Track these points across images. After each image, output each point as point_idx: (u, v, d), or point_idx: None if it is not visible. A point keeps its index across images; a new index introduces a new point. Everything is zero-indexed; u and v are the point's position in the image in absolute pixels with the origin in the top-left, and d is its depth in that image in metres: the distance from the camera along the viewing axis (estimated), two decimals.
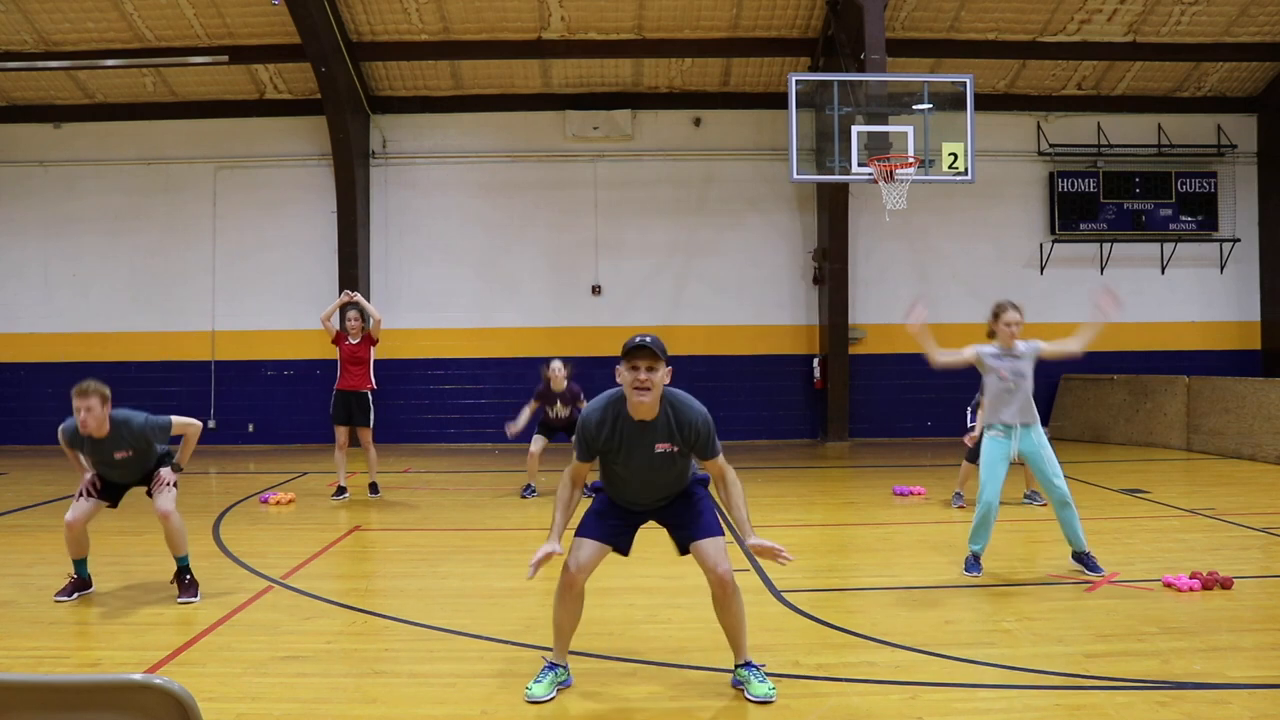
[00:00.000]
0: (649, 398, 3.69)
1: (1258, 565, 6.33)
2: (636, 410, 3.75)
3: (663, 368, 3.70)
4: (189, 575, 5.49)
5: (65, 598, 5.38)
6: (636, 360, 3.67)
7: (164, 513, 5.43)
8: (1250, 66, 15.34)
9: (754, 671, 3.86)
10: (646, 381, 3.66)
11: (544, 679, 3.86)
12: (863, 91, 11.56)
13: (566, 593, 3.89)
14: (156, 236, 15.31)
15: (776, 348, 15.63)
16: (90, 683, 1.43)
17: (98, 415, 5.22)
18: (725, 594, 3.83)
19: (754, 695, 3.77)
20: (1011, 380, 5.82)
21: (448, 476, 11.54)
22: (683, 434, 3.78)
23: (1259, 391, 11.99)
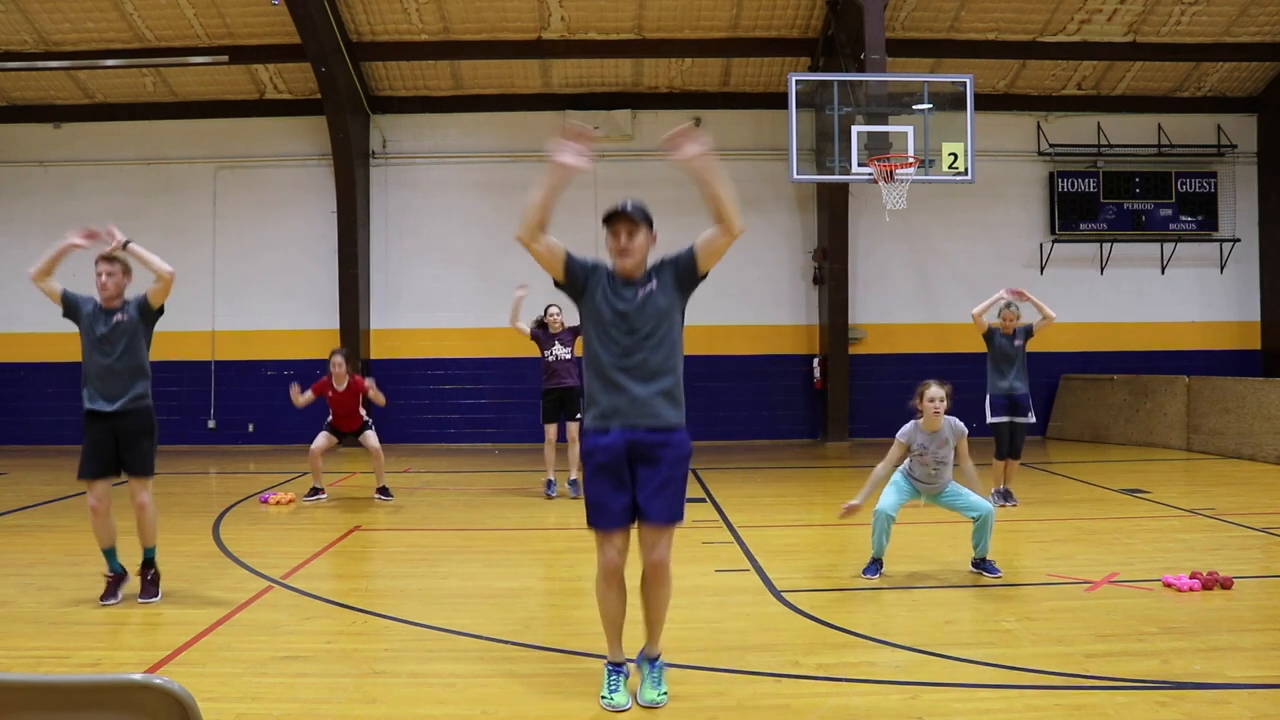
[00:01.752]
0: (631, 261, 3.79)
1: (1258, 565, 6.33)
2: (621, 270, 3.83)
3: (643, 232, 3.80)
4: (153, 570, 5.51)
5: (112, 600, 5.34)
6: (617, 226, 3.79)
7: (140, 503, 5.47)
8: (1250, 66, 15.34)
9: (655, 670, 3.83)
10: (627, 247, 3.77)
11: (618, 686, 3.79)
12: (863, 91, 11.57)
13: (609, 581, 3.85)
14: (156, 236, 15.23)
15: (776, 348, 15.63)
16: (90, 683, 1.43)
17: (118, 282, 5.47)
18: (656, 579, 3.85)
19: (643, 699, 3.74)
20: (934, 466, 5.92)
21: (448, 476, 11.54)
22: (662, 272, 3.84)
23: (1259, 391, 11.99)
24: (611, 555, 3.81)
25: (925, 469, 5.92)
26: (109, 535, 5.48)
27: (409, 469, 12.05)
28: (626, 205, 3.79)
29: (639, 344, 3.77)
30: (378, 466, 9.37)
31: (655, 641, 3.91)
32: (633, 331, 3.78)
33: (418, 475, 11.50)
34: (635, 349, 3.77)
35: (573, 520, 8.00)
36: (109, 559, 5.49)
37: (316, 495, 9.29)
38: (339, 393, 9.21)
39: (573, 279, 3.91)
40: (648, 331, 3.78)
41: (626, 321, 3.78)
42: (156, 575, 5.52)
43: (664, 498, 3.76)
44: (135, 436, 5.50)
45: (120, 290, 5.48)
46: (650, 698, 3.73)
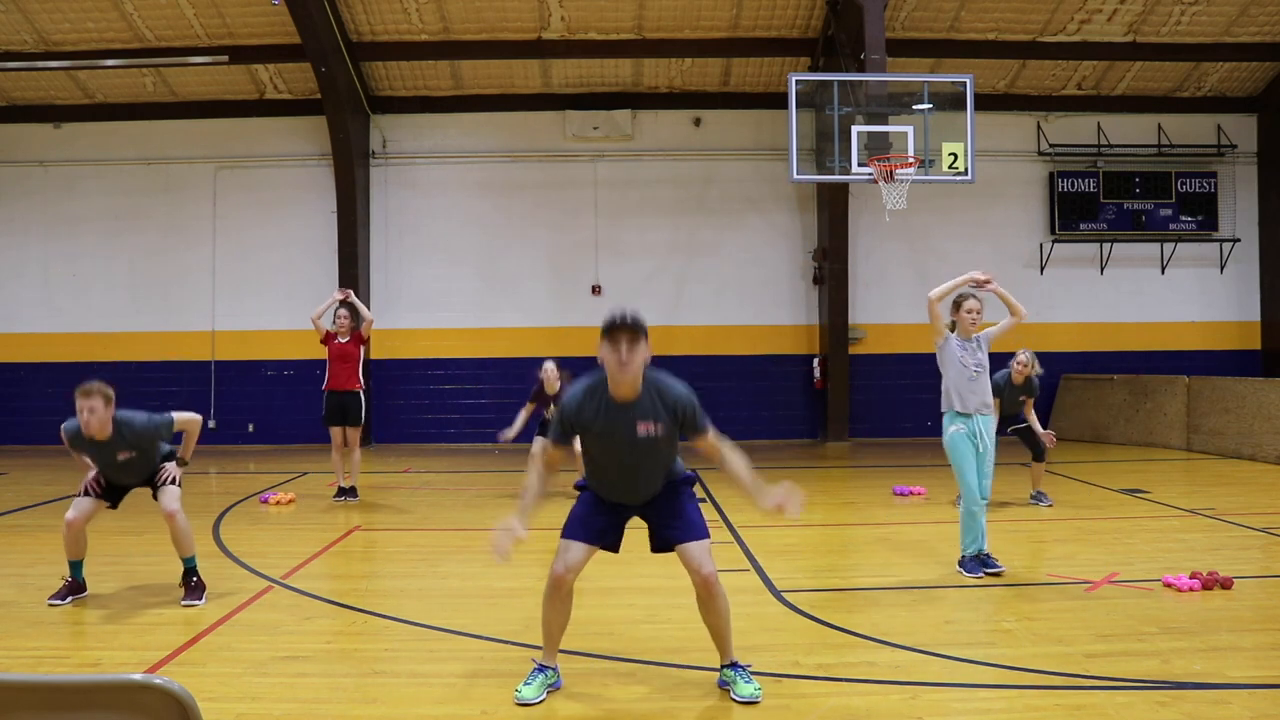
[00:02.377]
0: (630, 374, 3.68)
1: (1258, 565, 6.33)
2: (618, 388, 3.72)
3: (643, 345, 3.69)
4: (196, 577, 5.48)
5: (59, 601, 5.33)
6: (617, 337, 3.65)
7: (170, 512, 5.41)
8: (1250, 66, 15.34)
9: (740, 672, 3.85)
10: (627, 360, 3.65)
11: (533, 681, 3.84)
12: (863, 91, 11.56)
13: (555, 593, 3.86)
14: (156, 236, 15.31)
15: (776, 348, 15.63)
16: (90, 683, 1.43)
17: (101, 416, 5.18)
18: (710, 595, 3.82)
19: (739, 695, 3.76)
20: (974, 369, 5.91)
21: (448, 476, 11.54)
22: (668, 410, 3.76)
23: (1259, 391, 11.99)
24: (560, 568, 3.82)
25: (967, 370, 5.90)
26: (78, 550, 5.45)
27: (409, 469, 12.05)
28: (627, 318, 3.66)
29: (642, 468, 3.87)
30: (352, 466, 9.42)
31: (729, 651, 3.92)
32: (633, 461, 3.83)
33: (418, 475, 11.50)
34: (637, 471, 3.87)
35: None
36: (73, 568, 5.47)
37: (345, 497, 9.32)
38: (341, 343, 9.35)
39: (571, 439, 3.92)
40: (651, 463, 3.86)
41: (626, 454, 3.81)
42: (200, 582, 5.48)
43: (686, 517, 3.88)
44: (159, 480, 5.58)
45: (105, 424, 5.23)
46: (747, 692, 3.76)
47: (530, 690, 3.79)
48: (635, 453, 3.78)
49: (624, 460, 3.82)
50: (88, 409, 5.15)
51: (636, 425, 3.73)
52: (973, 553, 5.90)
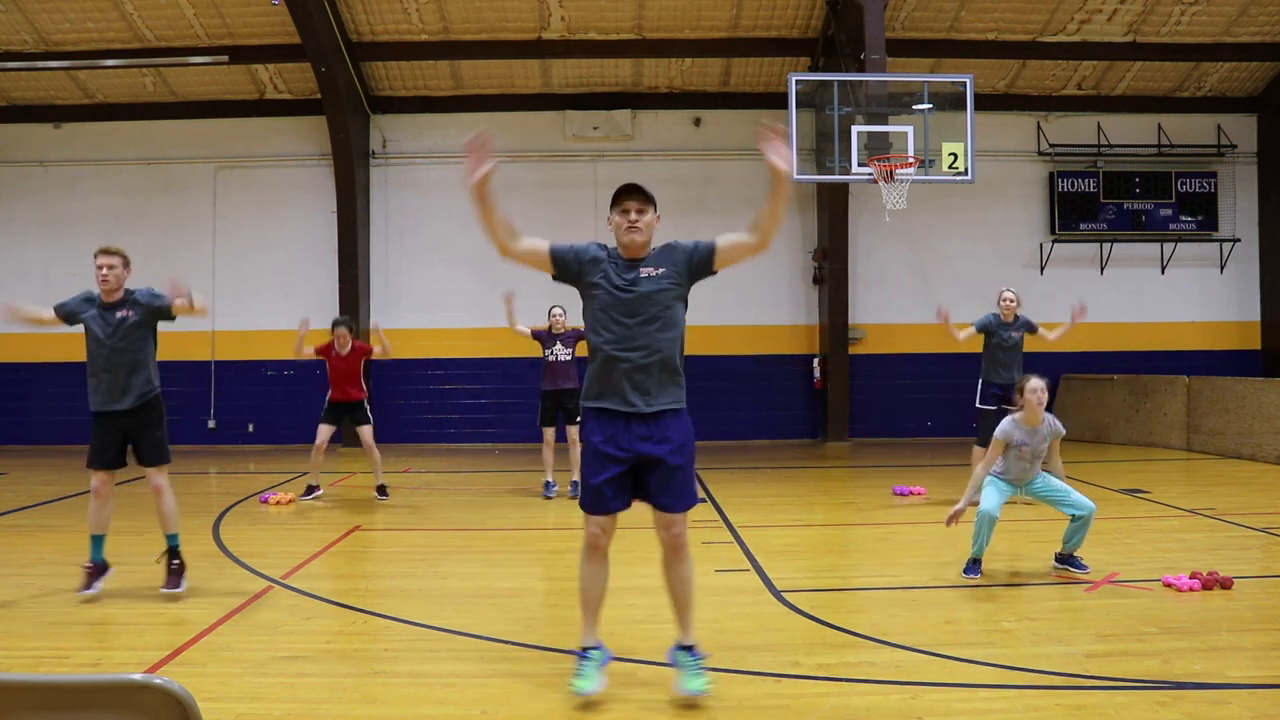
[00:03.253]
0: (640, 237, 3.80)
1: (1258, 565, 6.33)
2: (628, 249, 3.83)
3: (651, 211, 3.83)
4: (178, 559, 5.52)
5: (89, 590, 5.35)
6: (626, 203, 3.81)
7: (157, 485, 5.50)
8: (1250, 66, 15.34)
9: (693, 659, 3.80)
10: (637, 222, 3.79)
11: (586, 672, 3.77)
12: (863, 91, 11.57)
13: (591, 554, 3.86)
14: (156, 236, 15.30)
15: (776, 348, 15.63)
16: (90, 683, 1.43)
17: (119, 275, 5.42)
18: (676, 557, 3.87)
19: (686, 689, 3.70)
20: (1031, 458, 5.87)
21: (448, 476, 11.54)
22: (674, 256, 3.85)
23: (1259, 391, 11.99)
24: (595, 532, 3.84)
25: (1021, 463, 5.87)
26: (103, 522, 5.51)
27: (409, 469, 12.05)
28: (635, 184, 3.85)
29: (642, 327, 3.77)
30: (374, 466, 9.37)
31: (688, 629, 3.90)
32: (635, 314, 3.77)
33: (418, 475, 11.50)
34: (638, 332, 3.77)
35: (573, 520, 8.00)
36: (94, 547, 5.50)
37: (313, 493, 9.27)
38: (341, 356, 9.21)
39: (564, 268, 3.92)
40: (652, 315, 3.78)
41: (628, 305, 3.77)
42: (181, 566, 5.54)
43: (672, 489, 3.81)
44: (146, 428, 5.55)
45: (120, 283, 5.46)
46: (695, 686, 3.69)
47: (589, 682, 3.73)
48: (640, 304, 3.76)
49: (627, 317, 3.76)
50: (107, 265, 5.37)
51: (641, 270, 3.80)
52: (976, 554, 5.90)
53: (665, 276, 3.80)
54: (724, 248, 3.87)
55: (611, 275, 3.81)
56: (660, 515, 3.84)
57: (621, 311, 3.77)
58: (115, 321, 5.45)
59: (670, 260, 3.84)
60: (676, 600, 3.93)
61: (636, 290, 3.77)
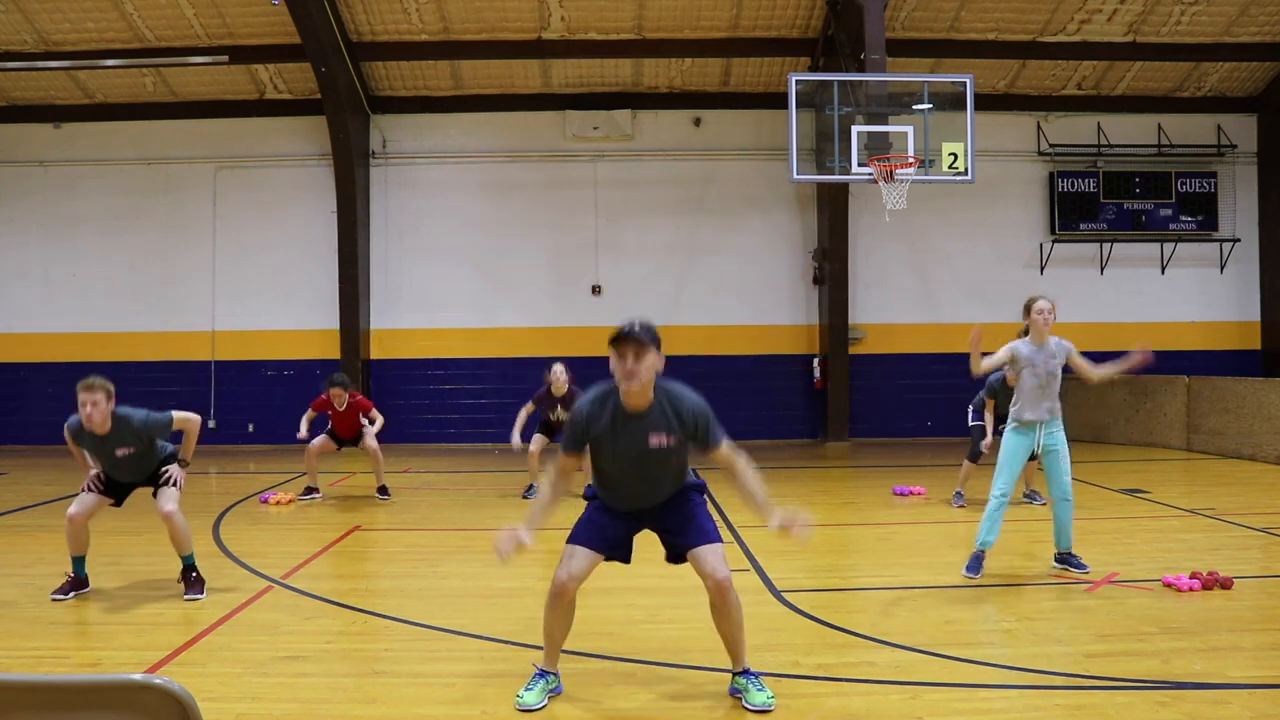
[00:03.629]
0: (637, 384, 3.62)
1: (1258, 565, 6.33)
2: (628, 398, 3.68)
3: (651, 355, 3.63)
4: (195, 573, 5.53)
5: (62, 596, 5.38)
6: (624, 348, 3.61)
7: (167, 513, 5.46)
8: (1250, 66, 15.33)
9: (752, 680, 3.80)
10: (634, 370, 3.60)
11: (535, 687, 3.81)
12: (863, 91, 11.56)
13: (557, 601, 3.83)
14: (156, 236, 15.31)
15: (776, 348, 15.63)
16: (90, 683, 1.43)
17: (102, 410, 5.27)
18: (724, 601, 3.76)
19: (752, 704, 3.71)
20: (1044, 377, 5.84)
21: (448, 476, 11.54)
22: (682, 422, 3.70)
23: (1259, 391, 11.99)
24: (563, 575, 3.80)
25: (1036, 380, 5.83)
26: (79, 545, 5.50)
27: (409, 469, 12.05)
28: (634, 328, 3.61)
29: (654, 480, 3.83)
30: (376, 467, 9.40)
31: (742, 658, 3.86)
32: (645, 472, 3.80)
33: (418, 475, 11.50)
34: (648, 482, 3.83)
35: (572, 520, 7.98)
36: (75, 564, 5.53)
37: (311, 495, 9.29)
38: (340, 413, 9.26)
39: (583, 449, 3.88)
40: (662, 474, 3.82)
41: (638, 465, 3.77)
42: (200, 577, 5.55)
43: (698, 524, 3.84)
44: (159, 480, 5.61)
45: (106, 417, 5.30)
46: (760, 700, 3.70)
47: (532, 696, 3.77)
48: (646, 464, 3.75)
49: (634, 471, 3.77)
50: (90, 403, 5.23)
51: (648, 436, 3.70)
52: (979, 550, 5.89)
53: (672, 443, 3.73)
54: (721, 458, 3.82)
55: (616, 435, 3.73)
56: (702, 559, 3.76)
57: (629, 468, 3.79)
58: (116, 458, 5.46)
59: (675, 426, 3.72)
60: (731, 643, 3.86)
61: (646, 457, 3.74)
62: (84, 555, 5.53)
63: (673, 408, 3.72)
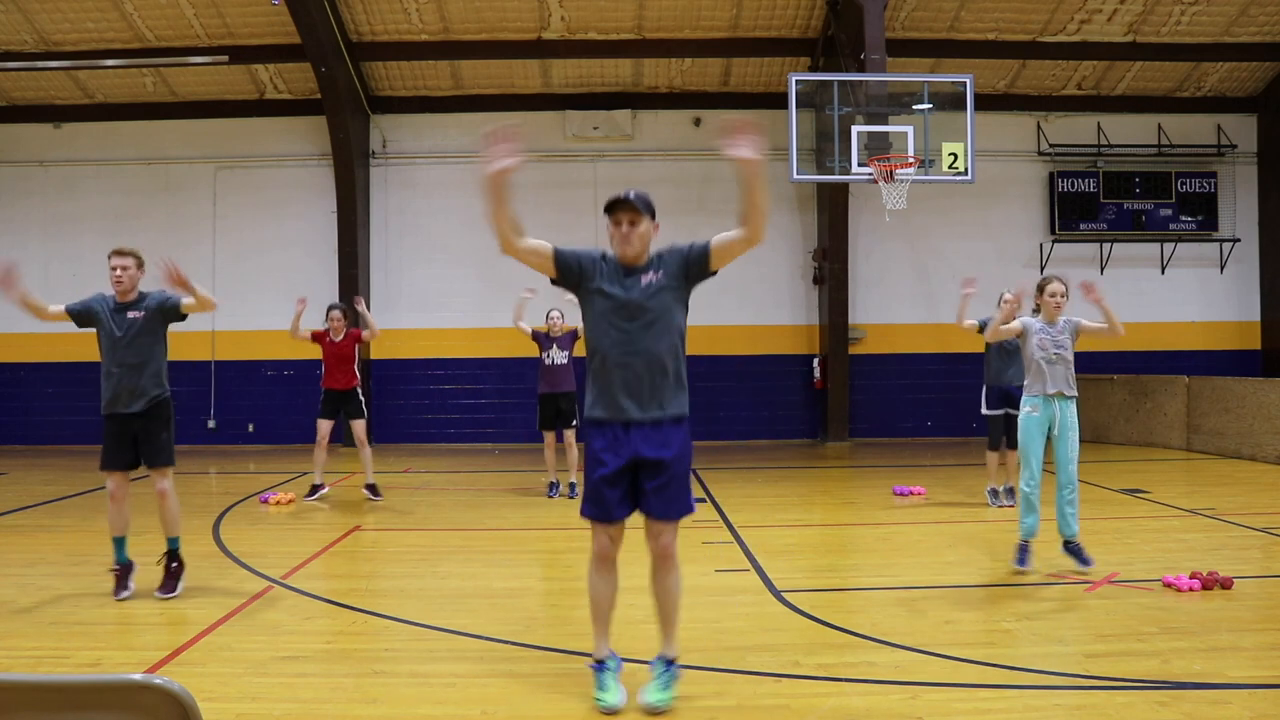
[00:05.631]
0: (632, 249, 3.76)
1: (1258, 565, 6.33)
2: (623, 258, 3.80)
3: (645, 222, 3.77)
4: (177, 561, 5.53)
5: (125, 593, 5.38)
6: (619, 214, 3.77)
7: (161, 490, 5.52)
8: (1250, 66, 15.34)
9: (670, 672, 3.77)
10: (629, 234, 3.74)
11: (608, 685, 3.75)
12: (863, 91, 11.57)
13: (600, 565, 3.84)
14: (156, 236, 15.26)
15: (776, 348, 15.63)
16: (90, 683, 1.43)
17: (133, 275, 5.46)
18: (664, 565, 3.84)
19: (647, 699, 3.66)
20: (1053, 351, 5.88)
21: (448, 476, 11.54)
22: (668, 261, 3.81)
23: (1259, 391, 11.99)
24: (604, 542, 3.82)
25: (1046, 354, 5.89)
26: (122, 524, 5.52)
27: (409, 469, 12.05)
28: (629, 194, 3.77)
29: (641, 332, 3.75)
30: (365, 463, 9.37)
31: (671, 641, 3.86)
32: (634, 319, 3.76)
33: (418, 475, 11.50)
34: (638, 337, 3.75)
35: (572, 520, 8.00)
36: (117, 549, 5.52)
37: (319, 492, 9.29)
38: (335, 343, 9.29)
39: (566, 272, 3.89)
40: (650, 319, 3.76)
41: (628, 310, 3.76)
42: (180, 569, 5.55)
43: (667, 496, 3.77)
44: (153, 430, 5.56)
45: (134, 284, 5.50)
46: (656, 699, 3.66)
47: (612, 695, 3.70)
48: (638, 310, 3.74)
49: (626, 322, 3.74)
50: (121, 266, 5.40)
51: (640, 278, 3.78)
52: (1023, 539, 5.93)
53: (663, 281, 3.79)
54: (718, 247, 3.83)
55: (610, 281, 3.80)
56: (651, 523, 3.81)
57: (620, 316, 3.76)
58: (128, 322, 5.49)
59: (668, 265, 3.82)
60: (662, 611, 3.89)
61: (634, 295, 3.75)
62: (124, 537, 5.52)
63: (663, 255, 3.85)
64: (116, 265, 5.43)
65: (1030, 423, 5.92)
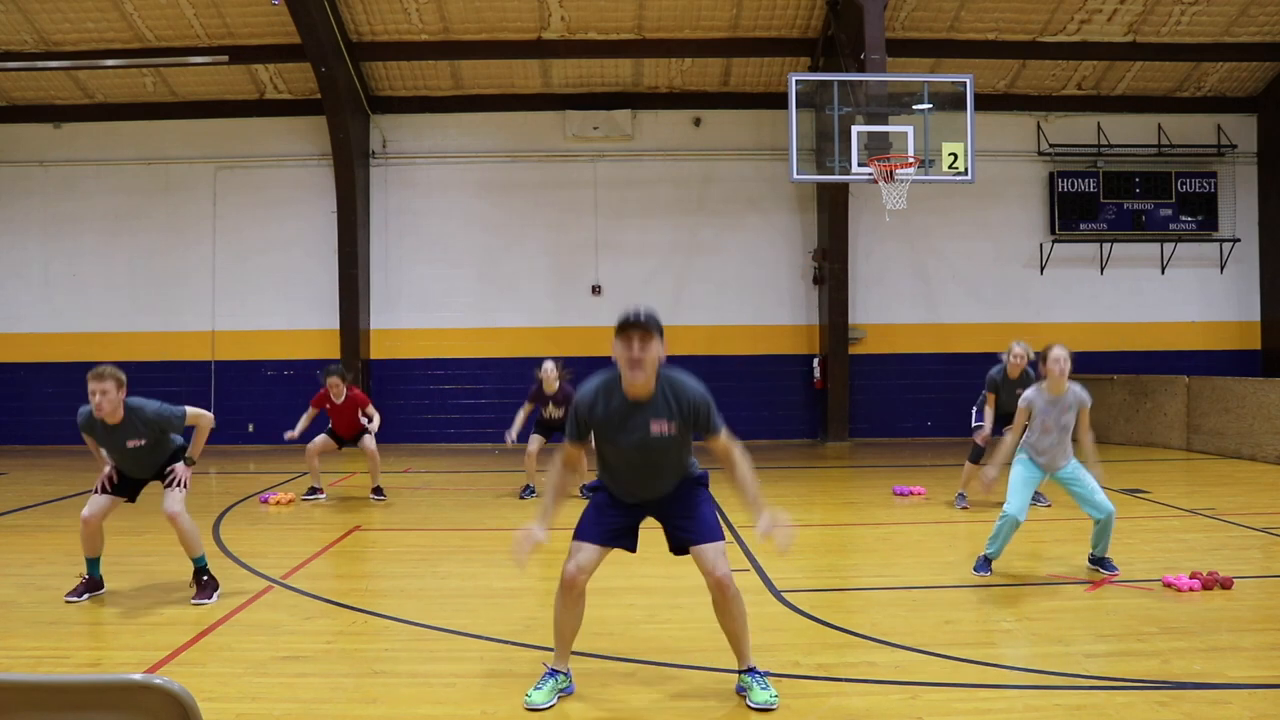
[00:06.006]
0: (642, 374, 3.65)
1: (1258, 565, 6.33)
2: (631, 387, 3.69)
3: (656, 343, 3.65)
4: (207, 575, 5.50)
5: (76, 598, 5.36)
6: (629, 335, 3.63)
7: (172, 514, 5.41)
8: (1250, 66, 15.34)
9: (757, 678, 3.80)
10: (639, 358, 3.62)
11: (544, 686, 3.80)
12: (863, 91, 11.56)
13: (567, 594, 3.82)
14: (156, 236, 15.31)
15: (776, 348, 15.63)
16: (90, 683, 1.43)
17: (112, 399, 5.22)
18: (725, 598, 3.77)
19: (755, 702, 3.71)
20: (1056, 432, 5.77)
21: (448, 476, 11.54)
22: (681, 410, 3.71)
23: (1259, 391, 11.99)
24: (572, 568, 3.80)
25: (1047, 436, 5.77)
26: (94, 547, 5.48)
27: (409, 469, 12.05)
28: (640, 316, 3.64)
29: (657, 467, 3.83)
30: (373, 468, 9.37)
31: (746, 656, 3.87)
32: (649, 460, 3.79)
33: (418, 475, 11.50)
34: (652, 470, 3.83)
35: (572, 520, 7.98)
36: (90, 565, 5.51)
37: (315, 495, 9.29)
38: (337, 405, 9.21)
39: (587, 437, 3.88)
40: (665, 462, 3.82)
41: (641, 455, 3.77)
42: (211, 580, 5.50)
43: (701, 519, 3.84)
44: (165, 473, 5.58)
45: (116, 406, 5.26)
46: (763, 699, 3.70)
47: (541, 695, 3.76)
48: (648, 452, 3.75)
49: (637, 460, 3.78)
50: (99, 391, 5.20)
51: (650, 424, 3.71)
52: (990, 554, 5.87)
53: (674, 431, 3.74)
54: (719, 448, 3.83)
55: (618, 426, 3.74)
56: (703, 556, 3.78)
57: (634, 459, 3.79)
58: (127, 449, 5.42)
59: (677, 413, 3.73)
60: (734, 639, 3.87)
61: (648, 445, 3.74)
62: (98, 557, 5.50)
63: (675, 395, 3.73)
64: (95, 390, 5.19)
65: (1022, 470, 5.81)
